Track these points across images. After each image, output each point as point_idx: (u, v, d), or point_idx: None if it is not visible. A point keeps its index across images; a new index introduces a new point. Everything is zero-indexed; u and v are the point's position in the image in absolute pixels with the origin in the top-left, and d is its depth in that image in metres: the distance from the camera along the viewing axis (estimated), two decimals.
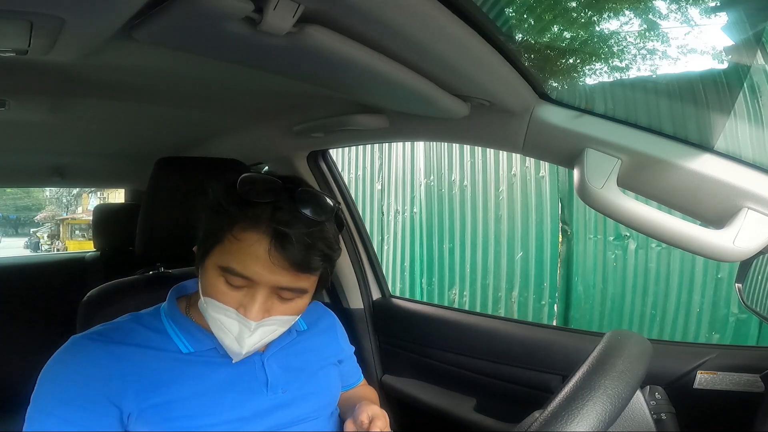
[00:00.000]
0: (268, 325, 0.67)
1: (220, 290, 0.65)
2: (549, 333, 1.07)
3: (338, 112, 1.00)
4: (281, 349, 0.78)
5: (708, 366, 0.82)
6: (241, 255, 0.63)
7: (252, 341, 0.66)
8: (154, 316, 0.75)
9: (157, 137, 1.37)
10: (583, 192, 0.73)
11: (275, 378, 0.76)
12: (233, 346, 0.66)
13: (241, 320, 0.65)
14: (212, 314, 0.67)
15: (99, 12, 0.53)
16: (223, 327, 0.66)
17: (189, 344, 0.72)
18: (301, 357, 0.81)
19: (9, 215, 30.14)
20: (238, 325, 0.66)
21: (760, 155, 2.14)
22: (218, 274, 0.65)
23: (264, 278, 0.63)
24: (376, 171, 4.22)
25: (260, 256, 0.62)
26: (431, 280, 3.81)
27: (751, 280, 0.69)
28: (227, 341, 0.67)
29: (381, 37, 0.58)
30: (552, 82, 2.51)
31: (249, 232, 0.63)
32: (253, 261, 0.62)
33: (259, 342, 0.67)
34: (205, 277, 0.67)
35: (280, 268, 0.63)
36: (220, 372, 0.72)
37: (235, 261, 0.63)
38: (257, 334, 0.66)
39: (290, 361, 0.79)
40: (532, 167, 3.17)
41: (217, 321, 0.66)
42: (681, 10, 2.90)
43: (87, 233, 14.14)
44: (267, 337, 0.68)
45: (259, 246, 0.62)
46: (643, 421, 0.61)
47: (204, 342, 0.72)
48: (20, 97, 0.91)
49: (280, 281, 0.64)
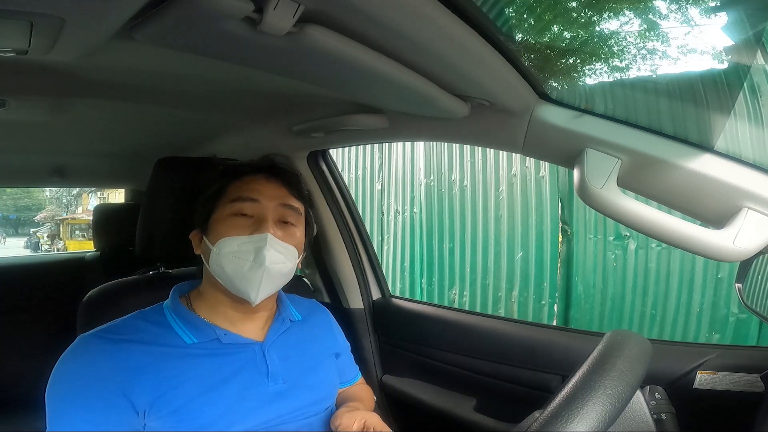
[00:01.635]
0: (278, 250, 0.74)
1: (232, 224, 0.75)
2: (549, 333, 1.07)
3: (338, 112, 1.00)
4: (279, 338, 0.81)
5: (708, 366, 0.82)
6: (245, 186, 0.78)
7: (271, 255, 0.73)
8: (158, 312, 0.77)
9: (157, 137, 1.37)
10: (583, 192, 0.73)
11: (275, 368, 0.77)
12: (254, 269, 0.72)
13: (255, 241, 0.73)
14: (226, 251, 0.73)
15: (99, 12, 0.53)
16: (239, 259, 0.72)
17: (192, 335, 0.74)
18: (298, 348, 0.83)
19: (9, 215, 30.14)
20: (253, 249, 0.73)
21: (760, 155, 2.14)
22: (228, 213, 0.76)
23: (268, 196, 0.78)
24: (376, 171, 4.22)
25: (263, 182, 0.79)
26: (431, 280, 3.81)
27: (751, 280, 0.69)
28: (245, 269, 0.72)
29: (381, 37, 0.58)
30: (552, 82, 2.51)
31: (249, 174, 0.81)
32: (257, 186, 0.78)
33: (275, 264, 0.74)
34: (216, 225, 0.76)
35: (277, 189, 0.79)
36: (223, 362, 0.74)
37: (243, 190, 0.77)
38: (272, 252, 0.73)
39: (289, 352, 0.81)
40: (532, 167, 3.17)
41: (232, 255, 0.73)
42: (681, 10, 2.90)
43: (87, 233, 14.14)
44: (278, 264, 0.74)
45: (260, 177, 0.80)
46: (643, 421, 0.61)
47: (207, 332, 0.75)
48: (20, 97, 0.91)
49: (279, 198, 0.78)
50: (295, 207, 0.81)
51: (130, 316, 0.76)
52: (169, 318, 0.76)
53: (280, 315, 0.84)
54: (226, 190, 0.79)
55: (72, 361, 0.68)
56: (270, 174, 0.81)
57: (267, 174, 0.81)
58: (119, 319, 0.75)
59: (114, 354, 0.68)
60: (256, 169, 0.82)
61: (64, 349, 0.70)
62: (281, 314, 0.84)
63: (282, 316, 0.84)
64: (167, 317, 0.76)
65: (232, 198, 0.77)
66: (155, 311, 0.78)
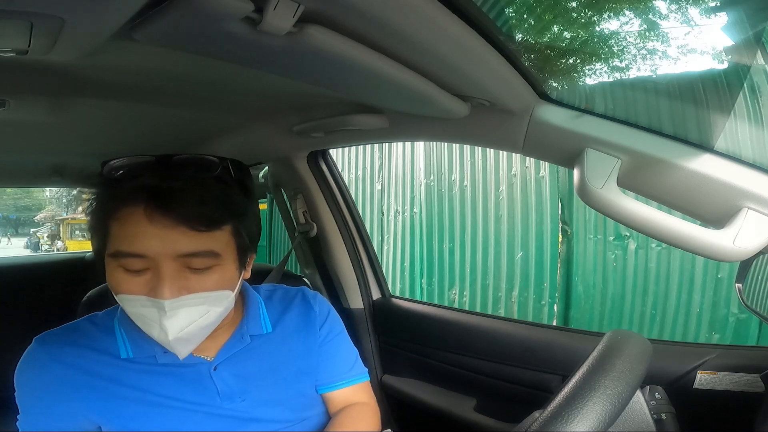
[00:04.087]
0: (191, 305, 0.59)
1: (124, 281, 0.59)
2: (549, 333, 1.07)
3: (338, 112, 1.00)
4: (233, 356, 0.72)
5: (708, 366, 0.82)
6: (123, 232, 0.58)
7: (175, 324, 0.58)
8: (110, 317, 0.72)
9: (157, 137, 1.37)
10: (583, 192, 0.73)
11: (227, 387, 0.70)
12: (161, 336, 0.60)
13: (155, 304, 0.58)
14: (130, 310, 0.61)
15: (99, 12, 0.53)
16: (145, 318, 0.60)
17: (130, 349, 0.69)
18: (260, 363, 0.74)
19: (9, 215, 30.14)
20: (156, 311, 0.58)
21: (760, 155, 2.14)
22: (115, 265, 0.59)
23: (155, 248, 0.57)
24: (376, 171, 4.22)
25: (141, 223, 0.57)
26: (431, 280, 3.81)
27: (751, 280, 0.68)
28: (155, 333, 0.60)
29: (381, 37, 0.58)
30: (552, 82, 2.51)
31: (125, 207, 0.58)
32: (136, 233, 0.57)
33: (190, 325, 0.59)
34: (108, 275, 0.61)
35: (170, 230, 0.57)
36: (163, 381, 0.68)
37: (121, 242, 0.58)
38: (180, 315, 0.58)
39: (246, 368, 0.72)
40: (532, 167, 3.17)
41: (138, 315, 0.60)
42: (681, 10, 2.90)
43: (87, 233, 14.11)
44: (199, 319, 0.60)
45: (138, 215, 0.57)
46: (643, 421, 0.61)
47: (145, 348, 0.68)
48: (20, 97, 0.91)
49: (178, 246, 0.57)
50: (203, 251, 0.59)
51: (85, 318, 0.74)
52: (115, 325, 0.71)
53: (240, 330, 0.73)
54: (104, 226, 0.60)
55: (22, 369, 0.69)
56: (156, 206, 0.57)
57: (151, 207, 0.57)
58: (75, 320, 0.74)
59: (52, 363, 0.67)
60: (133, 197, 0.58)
61: None
62: (241, 330, 0.74)
63: (242, 332, 0.73)
64: (114, 324, 0.71)
65: (112, 250, 0.59)
66: (108, 315, 0.73)
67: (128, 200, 0.58)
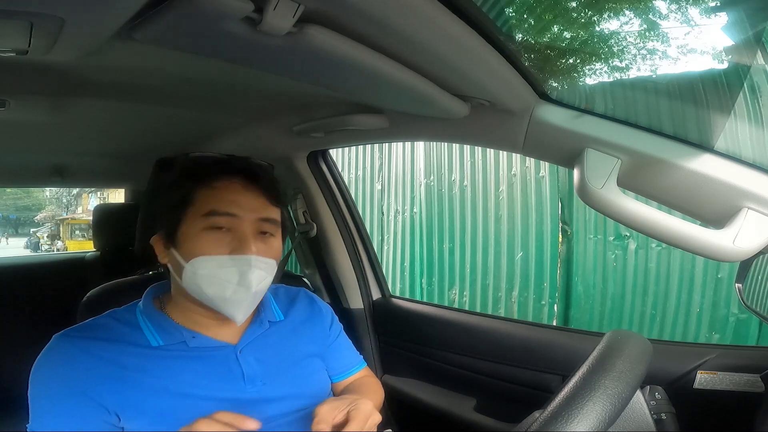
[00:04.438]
0: (261, 269, 0.70)
1: (207, 241, 0.68)
2: (549, 333, 1.07)
3: (338, 112, 1.00)
4: (255, 340, 0.78)
5: (708, 366, 0.82)
6: (220, 197, 0.70)
7: (256, 278, 0.68)
8: (130, 312, 0.76)
9: (157, 137, 1.37)
10: (583, 192, 0.73)
11: (252, 370, 0.75)
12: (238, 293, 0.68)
13: (239, 261, 0.68)
14: (204, 272, 0.67)
15: (99, 12, 0.53)
16: (221, 280, 0.67)
17: (159, 337, 0.72)
18: (278, 348, 0.80)
19: (9, 215, 30.15)
20: (236, 271, 0.68)
21: (760, 155, 2.14)
22: (201, 227, 0.69)
23: (247, 209, 0.71)
24: (376, 171, 4.22)
25: (240, 192, 0.71)
26: (431, 280, 3.81)
27: (751, 280, 0.69)
28: (228, 293, 0.68)
29: (381, 37, 0.58)
30: (552, 82, 2.51)
31: (221, 179, 0.72)
32: (233, 197, 0.70)
33: (260, 284, 0.70)
34: (186, 239, 0.69)
35: (256, 199, 0.72)
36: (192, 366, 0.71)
37: (216, 203, 0.69)
38: (256, 272, 0.68)
39: (267, 353, 0.78)
40: (532, 167, 3.17)
41: (211, 277, 0.67)
42: (681, 10, 2.90)
43: (87, 233, 14.14)
44: (262, 282, 0.70)
45: (235, 185, 0.72)
46: (643, 421, 0.61)
47: (174, 335, 0.73)
48: (20, 97, 0.91)
49: (259, 212, 0.72)
50: (274, 218, 0.74)
51: (104, 315, 0.75)
52: (139, 318, 0.74)
53: (258, 317, 0.80)
54: (195, 197, 0.71)
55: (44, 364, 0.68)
56: (247, 180, 0.73)
57: (243, 180, 0.73)
58: (94, 318, 0.75)
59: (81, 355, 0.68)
60: (229, 173, 0.73)
61: None
62: (260, 316, 0.81)
63: (260, 318, 0.80)
64: (138, 317, 0.74)
65: (206, 211, 0.69)
66: (128, 311, 0.76)
67: (225, 174, 0.72)
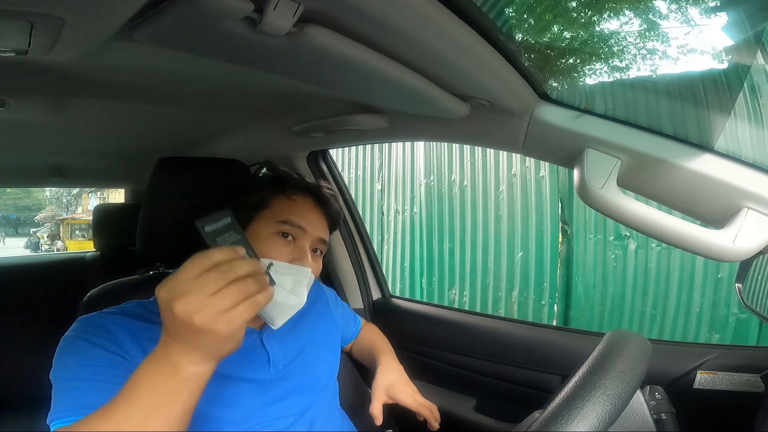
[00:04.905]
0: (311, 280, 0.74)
1: (275, 245, 0.75)
2: (549, 333, 1.07)
3: (338, 112, 1.00)
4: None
5: (708, 366, 0.82)
6: (295, 209, 0.78)
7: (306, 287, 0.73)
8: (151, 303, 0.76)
9: (157, 137, 1.37)
10: (583, 192, 0.73)
11: (276, 354, 0.79)
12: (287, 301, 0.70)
13: (297, 271, 0.73)
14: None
15: (99, 12, 0.53)
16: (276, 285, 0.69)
17: None
18: (293, 331, 0.84)
19: (9, 215, 30.16)
20: (291, 279, 0.72)
21: (760, 155, 2.14)
22: (272, 231, 0.75)
23: (313, 227, 0.78)
24: (376, 171, 4.22)
25: (311, 210, 0.80)
26: (431, 280, 3.81)
27: (751, 280, 0.69)
28: (280, 297, 0.70)
29: (381, 37, 0.58)
30: (552, 82, 2.51)
31: (299, 193, 0.80)
32: (305, 213, 0.78)
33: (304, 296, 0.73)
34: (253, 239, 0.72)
35: (320, 221, 0.80)
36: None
37: (291, 214, 0.77)
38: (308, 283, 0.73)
39: (286, 336, 0.82)
40: (532, 167, 3.17)
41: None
42: (681, 10, 2.90)
43: (87, 233, 14.15)
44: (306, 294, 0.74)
45: (309, 202, 0.81)
46: (643, 421, 0.61)
47: None
48: (20, 97, 0.91)
49: (320, 232, 0.79)
50: (327, 241, 0.82)
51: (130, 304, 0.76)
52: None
53: None
54: (271, 203, 0.78)
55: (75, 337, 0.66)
56: (318, 201, 0.82)
57: (315, 200, 0.82)
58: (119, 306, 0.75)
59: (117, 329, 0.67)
60: (305, 191, 0.82)
61: None
62: None
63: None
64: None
65: (282, 218, 0.76)
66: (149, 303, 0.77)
67: (303, 191, 0.81)
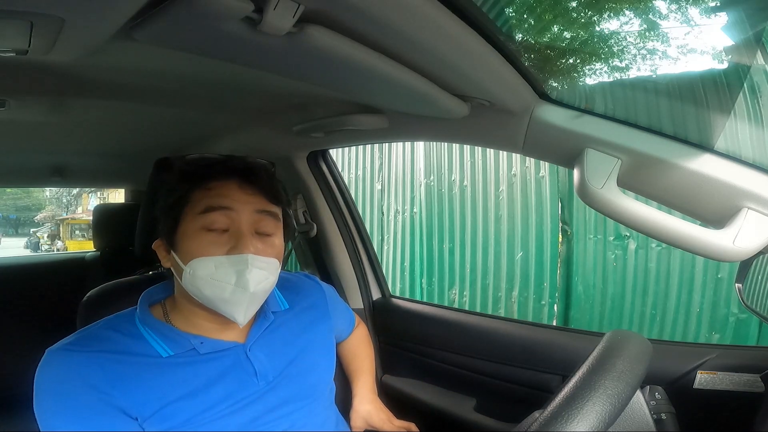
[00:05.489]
0: (260, 268, 0.68)
1: (204, 241, 0.67)
2: (549, 333, 1.07)
3: (338, 112, 1.00)
4: (262, 336, 0.78)
5: (708, 366, 0.82)
6: (215, 193, 0.69)
7: (254, 278, 0.67)
8: (129, 322, 0.73)
9: (157, 137, 1.37)
10: (583, 192, 0.73)
11: (262, 366, 0.75)
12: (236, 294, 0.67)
13: (237, 260, 0.67)
14: (202, 273, 0.66)
15: (99, 12, 0.53)
16: (219, 282, 0.66)
17: (167, 347, 0.70)
18: (285, 339, 0.80)
19: (9, 215, 30.15)
20: (233, 271, 0.67)
21: (760, 155, 2.14)
22: (198, 227, 0.68)
23: (243, 202, 0.69)
24: (376, 171, 4.22)
25: (233, 189, 0.70)
26: (431, 280, 3.81)
27: (751, 280, 0.68)
28: (227, 294, 0.67)
29: (381, 37, 0.58)
30: (552, 82, 2.51)
31: (218, 179, 0.71)
32: (227, 195, 0.70)
33: (259, 284, 0.68)
34: (184, 240, 0.69)
35: (252, 195, 0.71)
36: (206, 369, 0.71)
37: (211, 201, 0.69)
38: (255, 271, 0.67)
39: (274, 346, 0.78)
40: (532, 167, 3.17)
41: (209, 278, 0.66)
42: (681, 10, 2.90)
43: (87, 233, 14.15)
44: (263, 281, 0.69)
45: (230, 185, 0.71)
46: (643, 421, 0.61)
47: (182, 344, 0.71)
48: (20, 97, 0.91)
49: (255, 205, 0.71)
50: (273, 212, 0.73)
51: (99, 326, 0.72)
52: (141, 329, 0.71)
53: (262, 310, 0.79)
54: (191, 198, 0.70)
55: (47, 378, 0.64)
56: (244, 179, 0.71)
57: (240, 180, 0.71)
58: (86, 328, 0.71)
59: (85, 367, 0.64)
60: (226, 173, 0.72)
61: None
62: (263, 309, 0.79)
63: (264, 312, 0.80)
64: (139, 328, 0.71)
65: (201, 209, 0.68)
66: (126, 320, 0.73)
67: (221, 175, 0.71)
